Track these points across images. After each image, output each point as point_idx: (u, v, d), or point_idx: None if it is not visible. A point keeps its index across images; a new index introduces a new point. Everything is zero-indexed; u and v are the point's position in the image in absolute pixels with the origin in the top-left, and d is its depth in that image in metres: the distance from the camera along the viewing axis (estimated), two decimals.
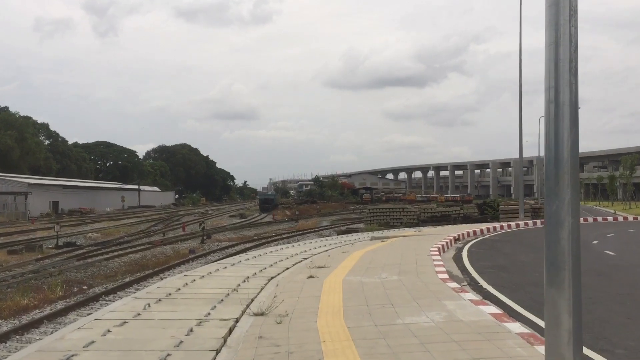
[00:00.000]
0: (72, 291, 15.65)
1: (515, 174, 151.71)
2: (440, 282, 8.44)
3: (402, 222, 40.71)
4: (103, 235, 34.58)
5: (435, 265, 10.35)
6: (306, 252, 14.49)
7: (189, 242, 29.68)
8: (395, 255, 12.58)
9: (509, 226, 24.04)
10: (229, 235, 36.45)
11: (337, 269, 10.39)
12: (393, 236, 18.72)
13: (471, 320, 5.82)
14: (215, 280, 9.33)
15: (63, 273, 18.44)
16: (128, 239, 32.10)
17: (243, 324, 6.18)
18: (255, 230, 42.00)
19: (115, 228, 40.15)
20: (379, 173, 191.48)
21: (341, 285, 8.46)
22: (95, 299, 12.89)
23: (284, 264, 11.78)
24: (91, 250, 25.63)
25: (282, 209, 75.73)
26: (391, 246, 15.07)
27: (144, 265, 21.42)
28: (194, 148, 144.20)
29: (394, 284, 8.32)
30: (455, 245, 16.38)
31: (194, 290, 8.38)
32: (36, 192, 62.66)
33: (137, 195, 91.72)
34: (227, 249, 25.99)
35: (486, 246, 16.14)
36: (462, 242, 17.54)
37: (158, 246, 27.44)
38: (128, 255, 23.41)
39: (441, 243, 14.94)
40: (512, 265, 11.92)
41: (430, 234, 19.28)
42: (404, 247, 14.62)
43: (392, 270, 9.94)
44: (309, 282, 9.00)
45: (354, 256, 12.59)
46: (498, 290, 8.53)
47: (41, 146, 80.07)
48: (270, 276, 9.78)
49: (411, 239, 17.30)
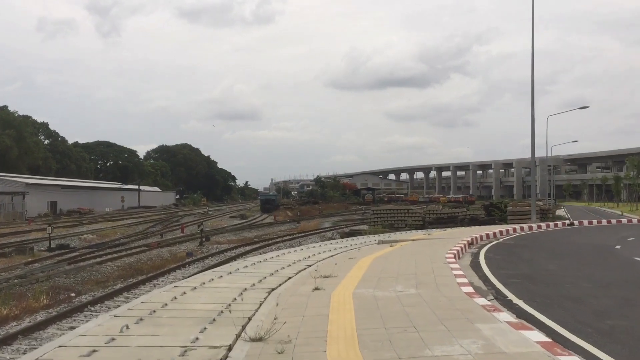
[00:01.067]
0: (58, 299, 14.58)
1: (517, 175, 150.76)
2: (465, 298, 7.34)
3: (406, 223, 39.63)
4: (99, 236, 33.54)
5: (456, 276, 9.24)
6: (310, 257, 13.40)
7: (187, 245, 28.60)
8: (408, 262, 11.48)
9: (521, 229, 22.90)
10: (229, 237, 35.37)
11: (345, 279, 9.30)
12: (402, 240, 17.60)
13: (518, 353, 4.72)
14: (208, 293, 8.24)
15: (51, 278, 17.38)
16: (124, 240, 31.05)
17: (237, 353, 5.09)
18: (256, 232, 40.92)
19: (112, 229, 39.11)
20: (380, 173, 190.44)
21: (352, 300, 7.37)
22: (80, 310, 11.80)
23: (286, 272, 10.69)
24: (84, 253, 24.55)
25: (284, 209, 74.67)
26: (402, 251, 13.97)
27: (139, 269, 20.36)
28: (195, 148, 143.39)
29: (413, 300, 7.22)
30: (470, 250, 15.26)
31: (183, 306, 7.29)
32: (34, 192, 61.70)
33: (137, 196, 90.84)
34: (226, 252, 24.91)
35: (503, 251, 15.02)
36: (476, 246, 16.43)
37: (155, 249, 26.38)
38: (122, 259, 22.34)
39: (455, 248, 13.83)
40: (537, 274, 10.80)
41: (441, 238, 18.16)
42: (416, 252, 13.51)
43: (407, 281, 8.84)
44: (314, 295, 7.91)
45: (363, 263, 11.49)
46: (532, 306, 7.42)
47: (40, 145, 79.06)
48: (270, 288, 8.68)
49: (422, 244, 16.18)
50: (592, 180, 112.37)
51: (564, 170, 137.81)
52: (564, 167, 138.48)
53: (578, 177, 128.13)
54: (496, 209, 42.70)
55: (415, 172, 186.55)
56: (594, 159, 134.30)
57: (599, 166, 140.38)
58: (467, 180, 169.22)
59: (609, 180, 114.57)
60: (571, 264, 12.61)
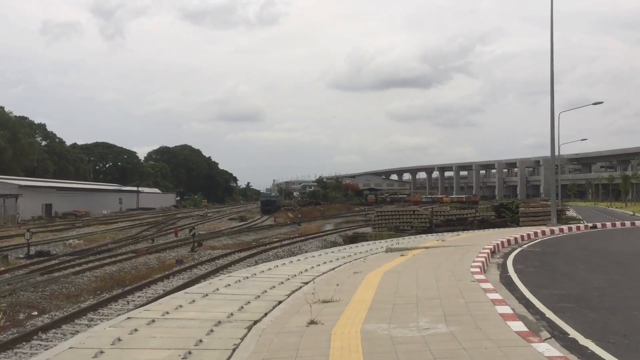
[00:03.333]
0: (17, 319, 12.58)
1: (521, 175, 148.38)
2: (519, 341, 5.25)
3: (412, 226, 37.56)
4: (86, 241, 31.51)
5: (493, 302, 7.14)
6: (307, 271, 11.34)
7: (179, 250, 26.58)
8: (427, 278, 9.40)
9: (542, 233, 20.77)
10: (225, 241, 33.34)
11: (349, 306, 7.25)
12: (413, 247, 15.46)
13: None
14: (167, 329, 6.18)
15: (16, 293, 15.37)
16: (112, 246, 29.02)
17: None
18: (254, 235, 38.89)
19: (102, 233, 37.10)
20: (383, 174, 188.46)
21: (359, 343, 5.32)
22: (27, 338, 9.77)
23: (277, 293, 8.64)
24: (65, 260, 22.53)
25: (285, 211, 72.72)
26: (416, 263, 11.88)
27: (120, 280, 18.35)
28: (196, 149, 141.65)
29: (447, 346, 5.16)
30: (494, 259, 13.16)
31: (125, 354, 5.25)
32: (28, 194, 59.90)
33: (136, 197, 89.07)
34: (219, 258, 22.88)
35: (534, 262, 12.92)
36: (499, 255, 14.33)
37: (142, 255, 24.37)
38: (104, 268, 20.32)
39: (478, 259, 11.74)
40: (588, 294, 8.72)
41: (457, 245, 16.03)
42: (434, 264, 11.42)
43: (432, 310, 6.78)
44: (309, 333, 5.86)
45: (371, 280, 9.43)
46: (610, 352, 5.34)
47: (35, 146, 77.24)
48: (251, 320, 6.64)
49: (437, 252, 14.07)
50: (597, 180, 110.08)
51: (567, 170, 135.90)
52: (567, 167, 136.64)
53: (583, 177, 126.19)
54: (507, 210, 40.51)
55: (418, 172, 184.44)
56: (598, 158, 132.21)
57: (603, 165, 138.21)
58: (469, 181, 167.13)
59: (616, 179, 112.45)
60: (622, 280, 10.52)
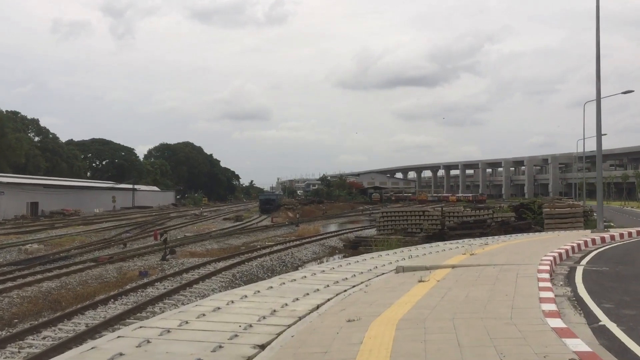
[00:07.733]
0: None
1: (529, 173, 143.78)
2: None
3: (422, 228, 33.45)
4: (49, 246, 27.43)
5: None
6: (273, 314, 7.23)
7: (148, 258, 22.52)
8: (476, 342, 5.30)
9: (593, 242, 16.38)
10: (210, 246, 29.29)
11: None
12: (434, 267, 11.25)
13: None
14: None
15: None
16: (75, 252, 25.00)
17: None
18: (246, 238, 34.85)
19: (74, 236, 33.12)
20: (387, 172, 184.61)
21: None
22: None
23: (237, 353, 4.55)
24: (1, 273, 18.59)
25: (285, 210, 68.82)
26: (445, 300, 7.68)
27: (55, 301, 14.30)
28: (197, 146, 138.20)
29: None
30: (557, 289, 8.98)
31: None
32: (11, 192, 56.37)
33: (132, 196, 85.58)
34: (190, 270, 18.80)
35: (618, 293, 8.73)
36: (559, 279, 10.17)
37: (102, 264, 20.40)
38: (41, 283, 16.28)
39: (544, 293, 7.61)
40: None
41: (494, 263, 11.73)
42: (477, 305, 7.21)
43: None
44: None
45: (376, 345, 5.34)
46: None
47: (23, 142, 73.58)
48: None
49: (473, 277, 9.84)
50: (610, 179, 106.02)
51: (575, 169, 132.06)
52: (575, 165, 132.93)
53: (594, 175, 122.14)
54: (528, 211, 36.39)
55: (423, 170, 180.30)
56: (609, 157, 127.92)
57: (613, 164, 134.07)
58: (475, 179, 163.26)
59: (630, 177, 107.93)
60: None
